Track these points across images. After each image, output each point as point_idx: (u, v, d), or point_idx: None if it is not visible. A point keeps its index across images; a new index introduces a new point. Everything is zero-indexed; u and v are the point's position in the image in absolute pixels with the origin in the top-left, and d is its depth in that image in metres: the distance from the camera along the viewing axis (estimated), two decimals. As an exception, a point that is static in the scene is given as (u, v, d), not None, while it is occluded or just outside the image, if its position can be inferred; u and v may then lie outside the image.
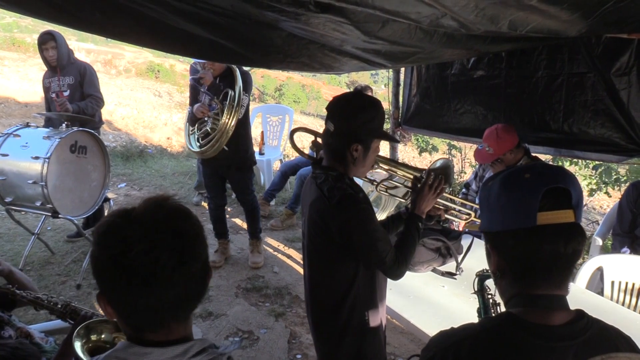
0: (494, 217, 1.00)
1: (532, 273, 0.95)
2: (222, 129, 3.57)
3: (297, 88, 19.63)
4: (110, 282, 0.92)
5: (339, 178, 1.71)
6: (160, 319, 0.95)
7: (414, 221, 1.82)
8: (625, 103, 2.89)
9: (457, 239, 2.57)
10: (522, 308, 0.96)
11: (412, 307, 2.18)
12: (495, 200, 0.99)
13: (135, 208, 0.96)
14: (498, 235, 0.99)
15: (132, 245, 0.88)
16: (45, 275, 3.84)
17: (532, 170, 0.97)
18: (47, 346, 1.86)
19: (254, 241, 4.27)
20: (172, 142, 9.01)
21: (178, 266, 0.91)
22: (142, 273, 0.89)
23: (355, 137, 1.70)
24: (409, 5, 1.51)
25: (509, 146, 2.95)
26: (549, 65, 3.20)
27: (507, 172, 1.02)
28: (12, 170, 3.60)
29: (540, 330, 0.93)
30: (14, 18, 19.52)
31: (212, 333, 3.22)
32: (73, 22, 1.61)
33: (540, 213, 0.91)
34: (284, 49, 2.14)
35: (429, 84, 4.13)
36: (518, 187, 0.96)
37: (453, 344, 0.98)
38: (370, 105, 1.73)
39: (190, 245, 0.95)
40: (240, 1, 1.47)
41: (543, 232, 0.91)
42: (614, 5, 1.67)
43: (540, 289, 0.95)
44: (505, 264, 1.00)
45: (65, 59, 4.13)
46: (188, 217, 0.98)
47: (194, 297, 0.98)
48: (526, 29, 1.87)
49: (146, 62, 16.67)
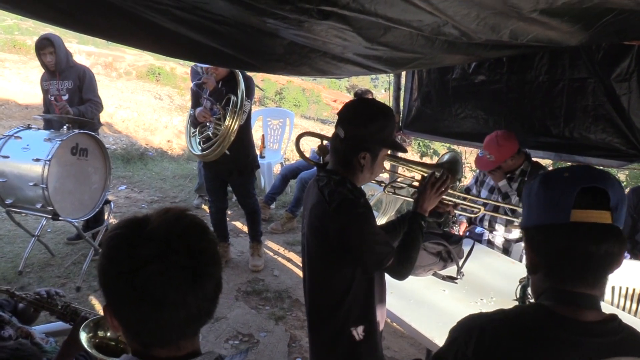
0: (531, 212, 1.02)
1: (564, 269, 0.97)
2: (224, 134, 3.58)
3: (297, 92, 19.66)
4: (119, 298, 0.88)
5: (340, 182, 1.71)
6: (169, 337, 0.91)
7: (416, 220, 1.82)
8: (626, 108, 2.90)
9: (458, 243, 2.58)
10: (553, 302, 0.98)
11: (413, 311, 2.17)
12: (534, 197, 1.02)
13: (150, 220, 0.90)
14: (533, 230, 1.02)
15: (145, 264, 0.84)
16: (45, 277, 3.84)
17: (572, 170, 1.00)
18: (47, 346, 1.86)
19: (254, 244, 4.27)
20: (172, 145, 9.02)
21: (192, 287, 0.87)
22: (153, 294, 0.85)
23: (364, 146, 1.70)
24: (411, 13, 1.52)
25: (510, 153, 2.96)
26: (550, 71, 3.21)
27: (548, 171, 1.07)
28: (13, 172, 3.60)
29: (568, 323, 0.94)
30: (15, 20, 19.56)
31: (212, 336, 3.21)
32: (74, 25, 1.62)
33: (574, 210, 0.92)
34: (285, 57, 2.15)
35: (430, 89, 4.14)
36: (556, 184, 0.98)
37: (478, 326, 1.01)
38: (382, 115, 1.73)
39: (205, 265, 0.90)
40: (243, 9, 1.47)
41: (576, 230, 0.93)
42: (615, 17, 1.68)
43: (572, 286, 0.96)
44: (538, 259, 1.02)
45: (63, 63, 4.11)
46: (205, 234, 0.94)
47: (205, 314, 0.94)
48: (527, 38, 1.88)
49: (147, 65, 16.70)
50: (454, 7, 1.50)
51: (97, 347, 1.54)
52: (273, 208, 5.59)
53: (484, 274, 2.55)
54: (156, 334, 0.90)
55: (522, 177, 3.05)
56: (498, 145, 2.96)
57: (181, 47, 1.99)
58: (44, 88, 4.26)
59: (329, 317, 1.81)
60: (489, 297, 2.30)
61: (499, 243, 3.16)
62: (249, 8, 1.45)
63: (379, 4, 1.41)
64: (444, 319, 2.11)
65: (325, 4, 1.38)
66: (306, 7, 1.39)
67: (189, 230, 0.91)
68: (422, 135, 4.79)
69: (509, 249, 3.14)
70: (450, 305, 2.23)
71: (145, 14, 1.53)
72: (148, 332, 0.90)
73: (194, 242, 0.90)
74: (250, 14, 1.52)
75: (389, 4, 1.41)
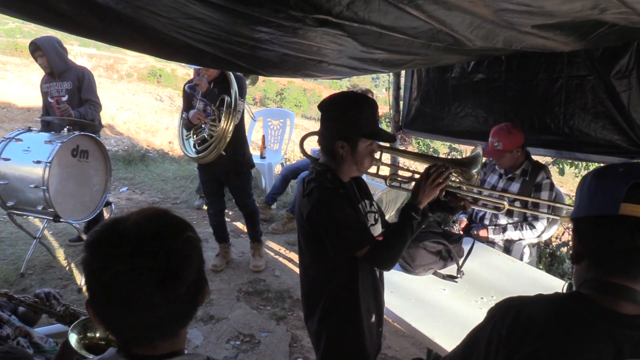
0: (582, 203, 1.03)
1: (608, 261, 0.98)
2: (220, 135, 3.58)
3: (298, 92, 19.68)
4: (93, 296, 0.90)
5: (321, 173, 1.76)
6: (144, 337, 0.91)
7: (407, 210, 1.77)
8: (626, 105, 2.90)
9: (458, 242, 2.57)
10: (593, 291, 0.98)
11: (413, 310, 2.17)
12: (586, 188, 1.03)
13: (127, 219, 0.90)
14: (582, 221, 1.03)
15: (113, 263, 0.84)
16: (46, 279, 3.85)
17: (627, 166, 1.00)
18: (46, 346, 1.86)
19: (255, 245, 4.27)
20: (173, 146, 9.02)
21: (160, 289, 0.86)
22: (120, 293, 0.85)
23: (339, 135, 1.75)
24: (405, 20, 1.52)
25: (519, 142, 2.99)
26: (549, 68, 3.21)
27: (603, 165, 1.09)
28: (14, 175, 3.61)
29: (606, 313, 0.94)
30: (17, 23, 19.61)
31: (214, 337, 3.21)
32: (74, 29, 1.63)
33: (624, 204, 0.93)
34: (280, 65, 2.17)
35: (430, 88, 4.14)
36: (609, 177, 0.99)
37: (515, 306, 1.02)
38: (356, 104, 1.77)
39: (176, 267, 0.89)
40: (236, 17, 1.47)
41: (623, 223, 0.93)
42: (609, 28, 1.69)
43: (614, 277, 0.97)
44: (583, 249, 1.03)
45: (59, 64, 4.10)
46: (180, 234, 0.92)
47: (180, 317, 0.94)
48: (521, 45, 1.89)
49: (148, 67, 16.74)
50: (449, 15, 1.50)
51: (88, 349, 1.54)
52: (274, 208, 5.59)
53: (484, 272, 2.55)
54: (129, 333, 0.91)
55: (523, 177, 3.04)
56: (509, 132, 2.97)
57: (180, 52, 2.00)
58: (43, 91, 4.27)
59: (314, 305, 1.86)
60: (490, 295, 2.29)
61: (499, 241, 3.15)
62: (242, 17, 1.45)
63: (373, 12, 1.41)
64: (445, 318, 2.11)
65: (319, 12, 1.38)
66: (300, 15, 1.39)
67: (162, 231, 0.90)
68: (422, 134, 4.78)
69: (510, 247, 3.14)
70: (451, 304, 2.23)
71: (145, 19, 1.54)
72: (121, 331, 0.92)
73: (166, 243, 0.89)
74: (244, 23, 1.52)
75: (382, 11, 1.42)
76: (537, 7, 1.41)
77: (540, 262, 4.24)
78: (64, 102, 4.09)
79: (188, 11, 1.41)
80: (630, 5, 1.38)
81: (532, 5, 1.40)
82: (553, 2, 1.38)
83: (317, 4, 1.32)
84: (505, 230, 3.11)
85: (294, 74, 2.37)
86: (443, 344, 1.91)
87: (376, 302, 1.92)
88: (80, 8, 1.45)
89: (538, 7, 1.42)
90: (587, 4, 1.39)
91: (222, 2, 1.30)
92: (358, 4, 1.35)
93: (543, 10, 1.45)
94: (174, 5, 1.36)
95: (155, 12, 1.44)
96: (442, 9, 1.42)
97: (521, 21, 1.55)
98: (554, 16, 1.53)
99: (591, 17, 1.55)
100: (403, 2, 1.34)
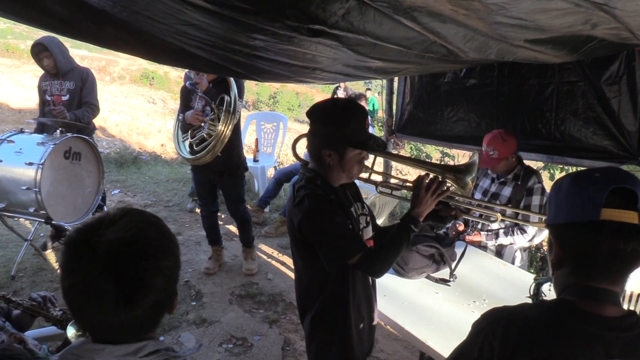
0: (560, 209, 1.05)
1: (590, 266, 0.99)
2: (218, 136, 3.56)
3: (291, 96, 19.69)
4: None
5: (311, 179, 1.75)
6: (104, 334, 0.94)
7: (406, 222, 1.76)
8: (616, 111, 2.94)
9: (451, 246, 2.59)
10: (576, 297, 1.01)
11: (406, 314, 2.18)
12: (563, 195, 1.04)
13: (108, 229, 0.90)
14: (562, 227, 1.04)
15: (74, 274, 0.88)
16: (38, 281, 3.81)
17: (603, 171, 1.02)
18: (40, 352, 1.84)
19: (247, 249, 4.26)
20: (166, 149, 9.01)
21: (113, 309, 0.88)
22: (74, 301, 0.90)
23: (327, 143, 1.72)
24: (400, 31, 1.53)
25: (513, 149, 3.02)
26: (540, 74, 3.25)
27: (579, 171, 1.09)
28: (6, 176, 3.58)
29: (591, 318, 0.97)
30: (8, 24, 19.46)
31: (206, 340, 3.21)
32: (67, 31, 1.62)
33: (604, 209, 0.95)
34: (275, 71, 2.19)
35: (422, 92, 4.17)
36: (587, 183, 1.01)
37: (504, 317, 1.04)
38: (343, 113, 1.73)
39: (135, 294, 0.89)
40: (232, 25, 1.47)
41: (605, 228, 0.95)
42: (598, 43, 1.73)
43: (596, 282, 0.99)
44: (564, 255, 1.04)
45: (66, 64, 4.06)
46: (152, 262, 0.91)
47: (137, 330, 0.95)
48: (514, 57, 1.92)
49: (140, 69, 16.69)
50: (443, 27, 1.52)
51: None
52: (267, 212, 5.59)
53: (476, 276, 2.57)
54: (91, 329, 0.95)
55: (515, 181, 3.07)
56: (503, 140, 3.00)
57: (174, 56, 2.00)
58: (42, 88, 4.19)
59: (308, 309, 1.87)
60: (482, 299, 2.31)
61: (491, 246, 3.18)
62: (238, 24, 1.46)
63: (368, 22, 1.43)
64: (437, 322, 2.13)
65: (315, 22, 1.39)
66: (296, 25, 1.40)
67: (134, 257, 0.90)
68: (415, 139, 4.80)
69: (501, 251, 3.16)
70: (443, 308, 2.24)
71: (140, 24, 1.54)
72: (84, 326, 0.95)
73: (132, 270, 0.89)
74: (239, 30, 1.53)
75: (377, 22, 1.43)
76: (530, 20, 1.44)
77: (532, 266, 4.27)
78: (63, 101, 4.05)
79: (184, 17, 1.42)
80: (621, 21, 1.41)
81: (525, 19, 1.42)
82: (546, 17, 1.40)
83: (312, 14, 1.33)
84: (498, 236, 3.13)
85: (288, 79, 2.39)
86: (436, 347, 1.92)
87: (368, 307, 1.92)
88: (74, 11, 1.45)
89: (531, 20, 1.44)
90: (579, 19, 1.42)
91: (218, 10, 1.31)
92: (353, 14, 1.36)
93: (536, 25, 1.48)
94: (170, 12, 1.37)
95: (152, 18, 1.44)
96: (437, 21, 1.44)
97: (514, 35, 1.58)
98: (547, 31, 1.56)
99: (582, 33, 1.58)
100: (398, 13, 1.35)
